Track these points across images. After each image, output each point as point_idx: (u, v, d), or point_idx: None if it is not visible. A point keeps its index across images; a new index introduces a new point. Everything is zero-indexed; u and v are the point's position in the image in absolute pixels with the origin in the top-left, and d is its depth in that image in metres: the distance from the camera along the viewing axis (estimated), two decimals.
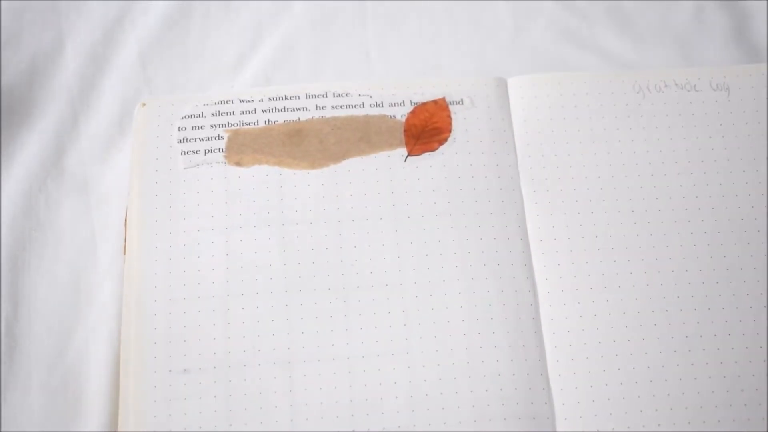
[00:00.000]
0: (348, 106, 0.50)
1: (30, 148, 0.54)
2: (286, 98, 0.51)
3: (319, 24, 0.57)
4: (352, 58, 0.56)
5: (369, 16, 0.58)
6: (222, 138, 0.50)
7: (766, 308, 0.46)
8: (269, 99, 0.51)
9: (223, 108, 0.51)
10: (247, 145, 0.50)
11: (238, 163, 0.49)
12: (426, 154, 0.49)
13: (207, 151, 0.50)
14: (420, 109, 0.50)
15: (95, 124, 0.55)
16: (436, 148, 0.49)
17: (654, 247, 0.47)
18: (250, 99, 0.51)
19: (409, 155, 0.49)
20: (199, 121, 0.50)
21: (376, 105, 0.50)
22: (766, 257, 0.47)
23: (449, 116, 0.50)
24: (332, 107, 0.50)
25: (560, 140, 0.50)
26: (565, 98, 0.51)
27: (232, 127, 0.50)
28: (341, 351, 0.45)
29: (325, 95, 0.51)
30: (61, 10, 0.58)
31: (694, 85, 0.51)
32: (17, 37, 0.57)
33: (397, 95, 0.51)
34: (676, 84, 0.51)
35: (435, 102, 0.51)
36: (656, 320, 0.46)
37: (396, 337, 0.45)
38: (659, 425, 0.44)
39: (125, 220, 0.49)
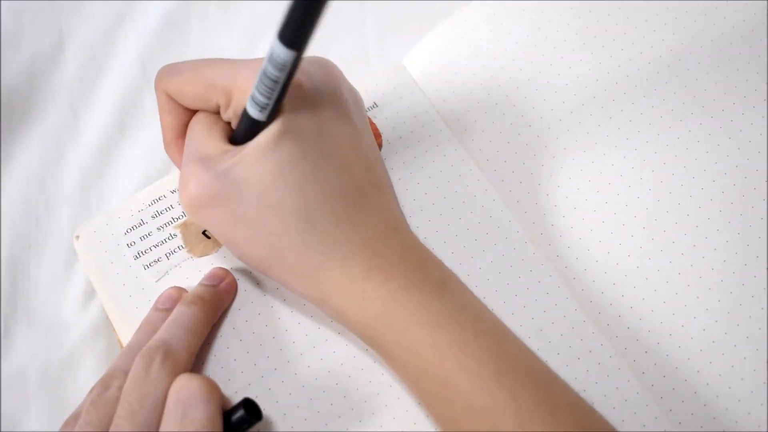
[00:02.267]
0: None
1: (30, 148, 0.54)
2: None
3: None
4: (353, 58, 0.56)
5: (369, 16, 0.58)
6: (175, 236, 0.48)
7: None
8: None
9: (159, 206, 0.49)
10: (202, 231, 0.49)
11: (204, 252, 0.48)
12: None
13: (168, 255, 0.48)
14: None
15: (95, 124, 0.55)
16: None
17: (607, 145, 0.51)
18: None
19: None
20: (143, 230, 0.48)
21: None
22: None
23: (372, 123, 0.51)
24: None
25: (474, 91, 0.52)
26: (454, 50, 0.53)
27: (179, 221, 0.49)
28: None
29: None
30: (61, 10, 0.57)
31: None
32: (17, 37, 0.57)
33: None
34: None
35: None
36: (645, 223, 0.50)
37: None
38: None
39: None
